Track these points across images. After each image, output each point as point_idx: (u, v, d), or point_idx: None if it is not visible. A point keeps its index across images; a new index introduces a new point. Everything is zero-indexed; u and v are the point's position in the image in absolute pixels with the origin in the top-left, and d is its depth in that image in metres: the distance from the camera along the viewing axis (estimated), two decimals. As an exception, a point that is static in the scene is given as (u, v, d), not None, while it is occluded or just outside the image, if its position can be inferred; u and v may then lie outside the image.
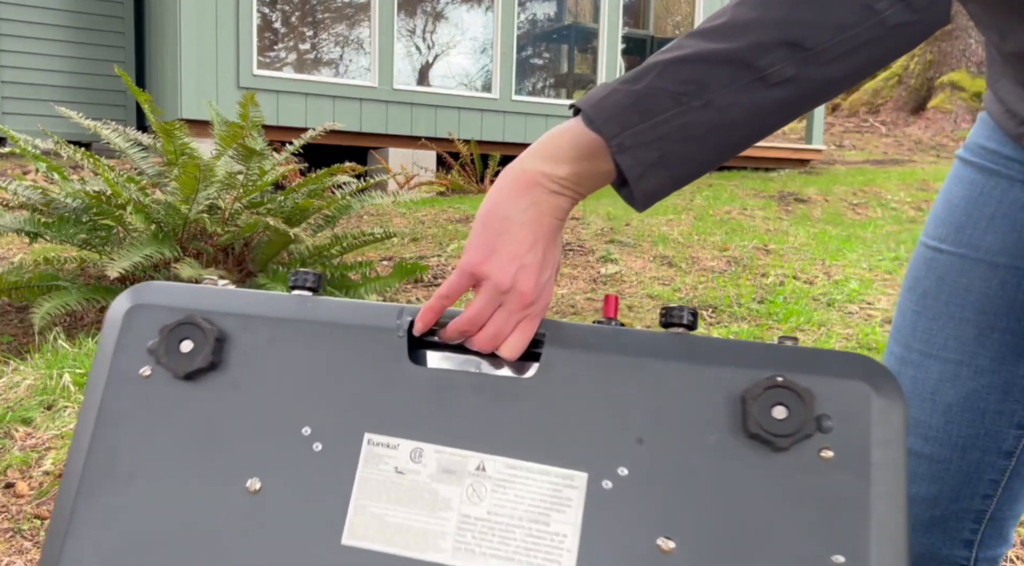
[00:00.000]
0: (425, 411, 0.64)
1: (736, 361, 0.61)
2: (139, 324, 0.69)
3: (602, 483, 0.60)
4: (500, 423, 0.62)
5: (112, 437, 0.66)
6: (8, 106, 6.42)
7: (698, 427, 0.60)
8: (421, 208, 5.12)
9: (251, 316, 0.68)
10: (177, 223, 3.05)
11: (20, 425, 2.28)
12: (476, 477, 0.62)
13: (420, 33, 7.77)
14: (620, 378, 0.62)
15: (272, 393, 0.66)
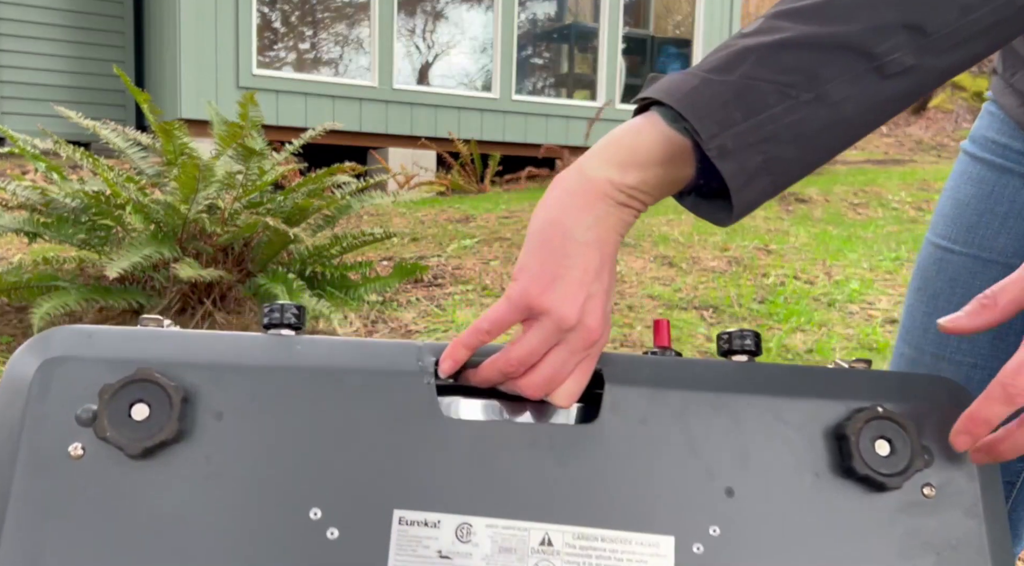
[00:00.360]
0: (467, 475, 0.51)
1: (818, 392, 0.54)
2: (58, 385, 0.50)
3: (692, 547, 0.51)
4: (563, 484, 0.51)
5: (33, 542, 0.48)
6: (7, 106, 6.41)
7: (791, 470, 0.52)
8: (421, 208, 5.12)
9: (223, 366, 0.51)
10: (176, 223, 3.04)
11: (19, 426, 2.27)
12: (542, 554, 0.50)
13: (420, 33, 7.77)
14: (697, 418, 0.53)
15: (262, 466, 0.50)
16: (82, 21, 6.65)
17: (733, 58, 0.54)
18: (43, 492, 0.49)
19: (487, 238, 4.29)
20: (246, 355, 0.52)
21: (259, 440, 0.50)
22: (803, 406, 0.53)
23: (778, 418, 0.53)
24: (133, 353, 0.51)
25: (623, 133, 0.55)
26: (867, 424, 0.52)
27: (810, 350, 2.96)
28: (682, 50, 8.56)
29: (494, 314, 0.54)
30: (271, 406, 0.51)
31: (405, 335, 3.15)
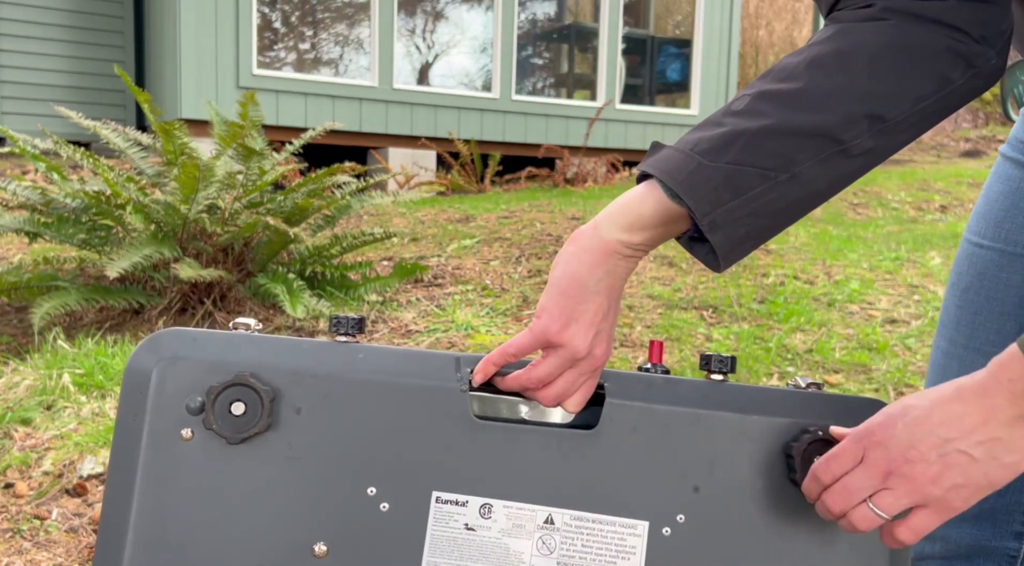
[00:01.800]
0: (492, 466, 0.64)
1: (776, 411, 0.66)
2: (172, 380, 0.64)
3: (662, 530, 0.64)
4: (565, 477, 0.64)
5: (156, 504, 0.62)
6: (7, 106, 6.41)
7: (749, 475, 0.65)
8: (421, 208, 5.12)
9: (301, 373, 0.65)
10: (176, 223, 3.05)
11: (20, 425, 2.27)
12: (545, 530, 0.64)
13: (420, 32, 7.77)
14: (676, 429, 0.66)
15: (331, 453, 0.64)
16: (82, 21, 6.65)
17: (722, 143, 0.65)
18: (162, 465, 0.63)
19: (487, 238, 4.29)
20: (320, 362, 0.65)
21: (329, 432, 0.64)
22: (762, 423, 0.66)
23: (742, 433, 0.66)
24: (231, 356, 0.65)
25: (634, 201, 0.67)
26: (809, 445, 0.64)
27: (810, 350, 2.96)
28: (682, 50, 8.56)
29: (519, 343, 0.68)
30: (339, 405, 0.65)
31: (405, 335, 3.15)
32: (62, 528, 1.87)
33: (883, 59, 0.65)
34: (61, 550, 1.79)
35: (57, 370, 2.48)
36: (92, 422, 2.28)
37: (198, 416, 0.64)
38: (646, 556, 0.64)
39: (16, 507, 1.94)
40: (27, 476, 2.07)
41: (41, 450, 2.17)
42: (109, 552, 0.62)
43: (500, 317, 3.28)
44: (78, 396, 2.39)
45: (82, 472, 2.05)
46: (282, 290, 2.98)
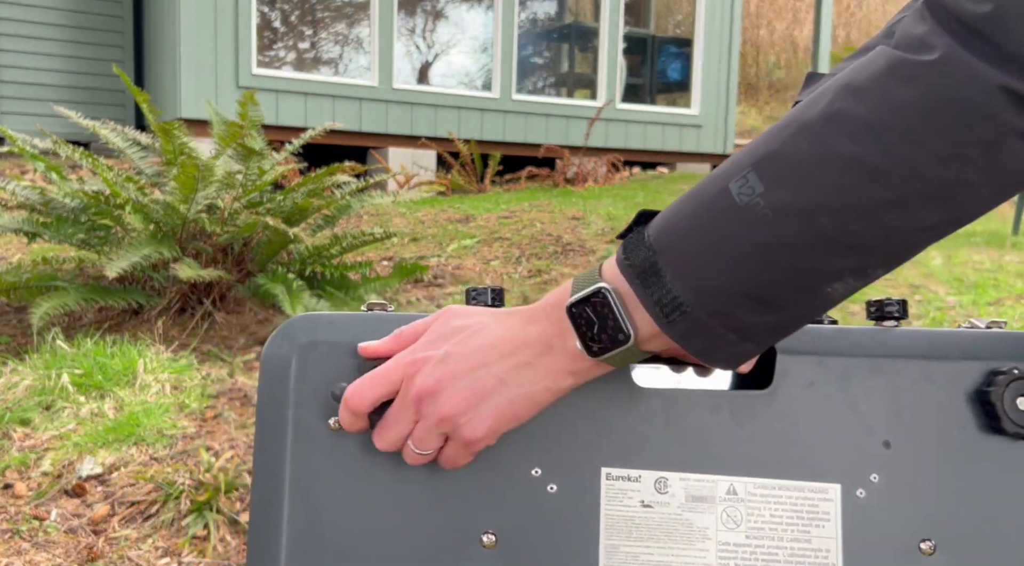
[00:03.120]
0: (661, 437, 0.59)
1: (962, 354, 0.61)
2: (312, 368, 0.59)
3: (856, 492, 0.59)
4: (742, 442, 0.59)
5: (310, 501, 0.58)
6: (6, 106, 6.41)
7: (942, 425, 0.60)
8: (421, 208, 5.11)
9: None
10: (176, 223, 3.04)
11: (18, 426, 2.27)
12: (728, 502, 0.59)
13: (420, 32, 7.76)
14: (857, 381, 0.60)
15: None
16: (81, 21, 6.65)
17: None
18: (312, 458, 0.58)
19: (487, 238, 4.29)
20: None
21: None
22: (949, 369, 0.60)
23: (928, 379, 0.60)
24: (371, 337, 0.59)
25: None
26: (1008, 386, 0.59)
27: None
28: (683, 49, 8.56)
29: None
30: None
31: (405, 335, 3.15)
32: (61, 529, 1.86)
33: None
34: (60, 551, 1.79)
35: (56, 370, 2.47)
36: (91, 422, 2.28)
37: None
38: (842, 521, 0.59)
39: (15, 507, 1.94)
40: (26, 476, 2.07)
41: (40, 450, 2.16)
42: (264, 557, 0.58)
43: (500, 317, 3.28)
44: (77, 396, 2.39)
45: (81, 473, 2.05)
46: (282, 290, 2.97)
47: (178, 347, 2.89)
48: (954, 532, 0.59)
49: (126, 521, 1.89)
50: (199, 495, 1.89)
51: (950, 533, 0.59)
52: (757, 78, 12.57)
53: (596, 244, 4.14)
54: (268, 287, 3.01)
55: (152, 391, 2.47)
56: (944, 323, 3.06)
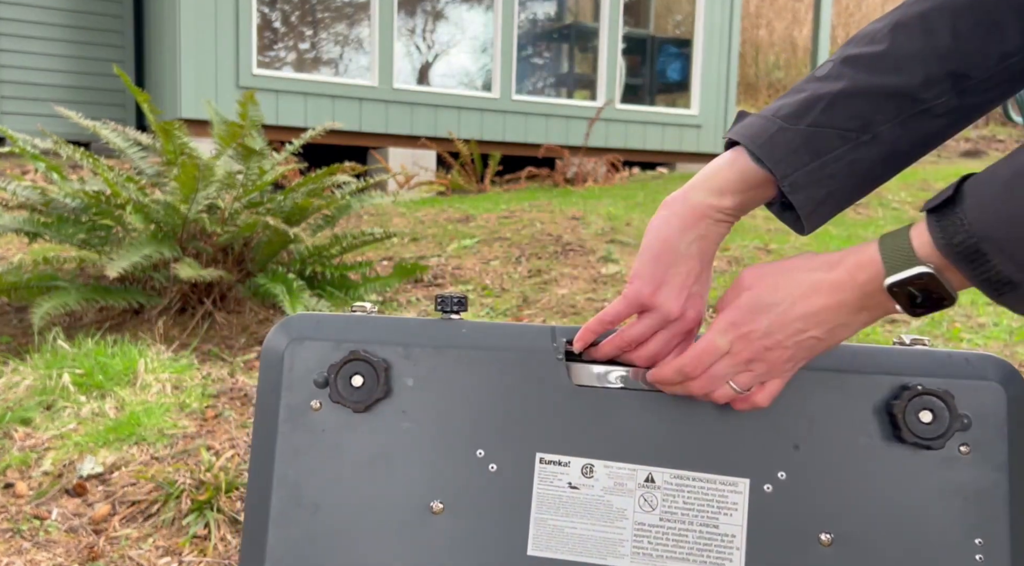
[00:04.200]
0: (590, 429, 0.68)
1: (878, 368, 0.67)
2: (300, 359, 0.71)
3: (763, 487, 0.66)
4: (664, 437, 0.67)
5: (294, 469, 0.70)
6: (7, 106, 6.41)
7: (849, 432, 0.66)
8: (421, 208, 5.12)
9: (411, 345, 0.71)
10: (176, 223, 3.05)
11: (19, 425, 2.27)
12: (646, 488, 0.67)
13: (420, 32, 7.76)
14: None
15: (442, 419, 0.69)
16: (82, 21, 6.65)
17: (803, 106, 0.66)
18: (297, 433, 0.70)
19: (487, 238, 4.29)
20: (427, 337, 0.71)
21: (439, 399, 0.70)
22: (864, 381, 0.67)
23: (843, 391, 0.67)
24: (349, 335, 0.71)
25: (720, 166, 0.69)
26: (911, 401, 0.65)
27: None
28: (682, 50, 8.56)
29: (614, 310, 0.70)
30: (447, 375, 0.70)
31: (405, 335, 3.15)
32: (62, 528, 1.87)
33: (965, 17, 0.64)
34: (61, 550, 1.79)
35: (57, 370, 2.48)
36: (92, 422, 2.28)
37: (324, 389, 0.70)
38: (748, 513, 0.66)
39: (16, 507, 1.94)
40: (27, 476, 2.07)
41: (41, 450, 2.17)
42: (257, 513, 0.70)
43: (500, 317, 3.28)
44: (78, 396, 2.39)
45: (82, 472, 2.05)
46: (282, 290, 2.98)
47: (179, 347, 2.89)
48: (852, 528, 0.65)
49: (127, 520, 1.89)
50: (200, 494, 1.89)
51: (848, 529, 0.65)
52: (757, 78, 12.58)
53: (596, 244, 4.15)
54: (268, 287, 3.01)
55: (153, 391, 2.47)
56: (941, 321, 3.06)
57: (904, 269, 0.59)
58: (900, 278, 0.59)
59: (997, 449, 0.65)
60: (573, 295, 3.46)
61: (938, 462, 0.66)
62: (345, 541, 0.69)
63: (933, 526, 0.65)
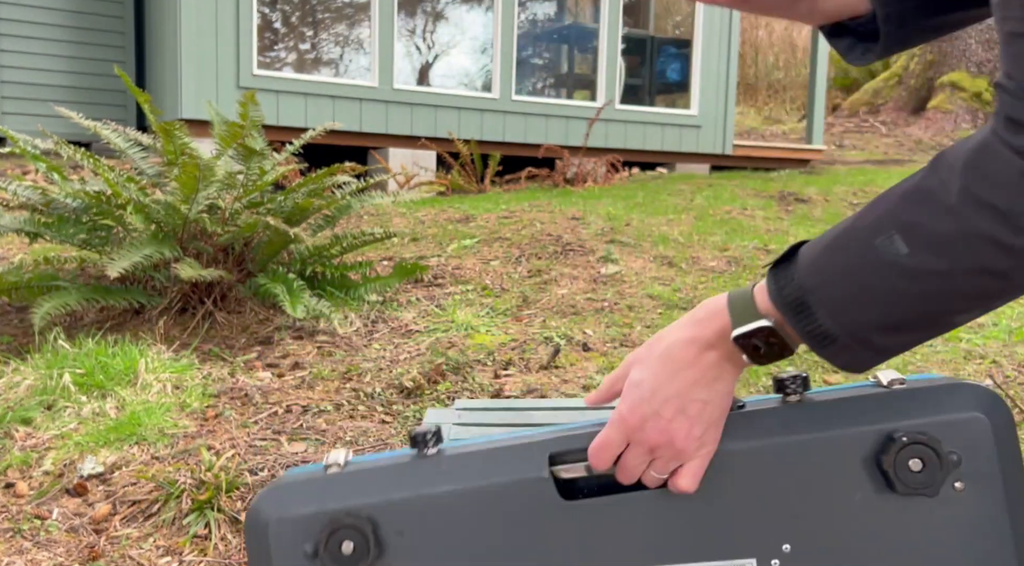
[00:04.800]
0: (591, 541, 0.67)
1: (860, 420, 0.67)
2: (286, 535, 0.69)
3: (771, 563, 0.66)
4: (664, 533, 0.67)
5: None
6: (8, 106, 6.41)
7: (843, 492, 0.66)
8: (421, 208, 5.12)
9: (393, 499, 0.69)
10: (177, 223, 3.05)
11: (20, 425, 2.27)
12: None
13: (420, 33, 7.77)
14: (764, 463, 0.67)
15: (438, 556, 0.68)
16: (82, 21, 6.66)
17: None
18: None
19: (487, 238, 4.29)
20: (406, 484, 0.69)
21: (433, 546, 0.68)
22: (849, 437, 0.66)
23: (830, 452, 0.66)
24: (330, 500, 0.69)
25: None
26: (899, 453, 0.64)
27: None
28: (682, 50, 8.57)
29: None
30: (435, 520, 0.68)
31: (405, 335, 3.15)
32: (62, 528, 1.87)
33: None
34: (62, 550, 1.79)
35: (58, 370, 2.48)
36: (92, 422, 2.28)
37: (316, 560, 0.69)
38: None
39: (17, 507, 1.94)
40: (28, 476, 2.07)
41: (41, 450, 2.17)
42: None
43: (500, 317, 3.29)
44: (78, 396, 2.40)
45: (82, 472, 2.06)
46: (282, 290, 2.98)
47: (179, 347, 2.90)
48: None
49: (127, 520, 1.90)
50: (200, 494, 1.89)
51: None
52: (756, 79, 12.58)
53: (596, 244, 4.15)
54: (269, 287, 3.02)
55: (153, 390, 2.48)
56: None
57: (747, 322, 0.64)
58: (743, 331, 0.64)
59: (991, 480, 0.65)
60: (573, 295, 3.47)
61: (935, 505, 0.66)
62: None
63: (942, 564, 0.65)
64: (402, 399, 2.58)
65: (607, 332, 3.12)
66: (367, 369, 2.79)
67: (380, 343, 3.07)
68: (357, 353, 2.97)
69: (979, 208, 0.55)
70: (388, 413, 2.49)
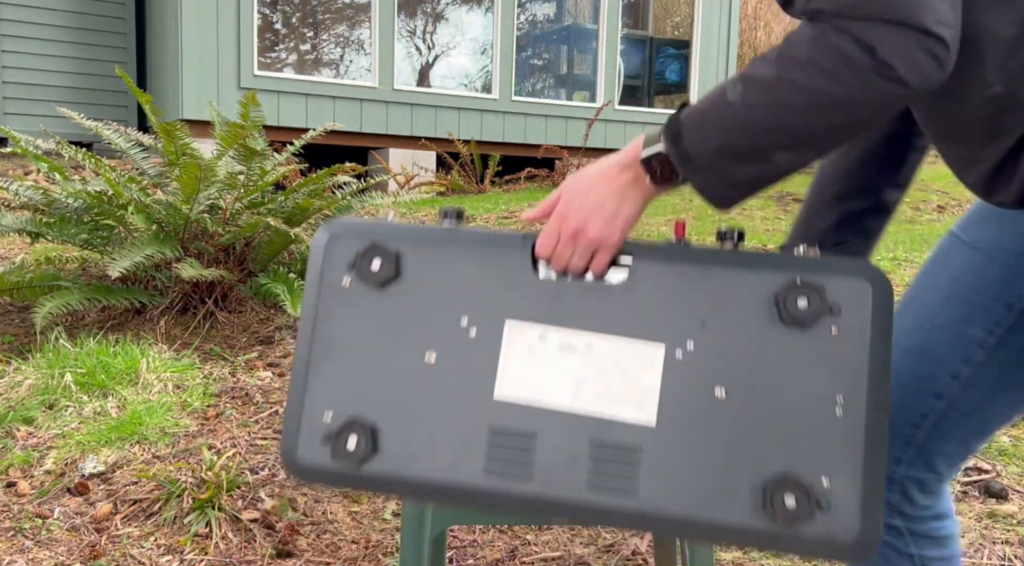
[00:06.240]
0: (547, 306, 0.89)
1: (774, 267, 0.86)
2: (336, 250, 0.94)
3: (675, 352, 0.86)
4: (603, 313, 0.88)
5: (329, 328, 0.94)
6: (10, 106, 6.42)
7: (745, 314, 0.85)
8: (421, 208, 5.13)
9: (418, 241, 0.93)
10: (178, 223, 3.06)
11: (22, 424, 2.28)
12: (587, 350, 0.87)
13: (420, 34, 7.77)
14: (689, 281, 0.87)
15: (438, 295, 0.91)
16: (84, 22, 6.67)
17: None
18: (333, 303, 0.94)
19: (487, 238, 4.29)
20: (430, 236, 0.93)
21: (436, 281, 0.92)
22: (761, 276, 0.86)
23: (743, 284, 0.86)
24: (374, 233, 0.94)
25: None
26: (792, 290, 0.84)
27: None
28: (681, 51, 8.57)
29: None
30: (443, 264, 0.92)
31: (405, 335, 3.16)
32: (64, 527, 1.88)
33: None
34: (63, 549, 1.80)
35: (59, 369, 2.49)
36: (94, 421, 2.29)
37: (352, 270, 0.93)
38: (663, 370, 0.86)
39: (18, 506, 1.95)
40: (29, 475, 2.08)
41: (43, 449, 2.18)
42: (301, 361, 0.94)
43: (500, 317, 3.29)
44: (80, 395, 2.40)
45: (84, 471, 2.07)
46: (283, 290, 2.99)
47: (180, 346, 2.91)
48: (742, 387, 0.85)
49: (128, 519, 1.91)
50: (201, 493, 1.90)
51: (739, 387, 0.85)
52: (757, 79, 12.54)
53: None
54: (270, 287, 3.03)
55: (154, 390, 2.49)
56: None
57: (651, 147, 0.86)
58: (646, 154, 0.87)
59: (861, 332, 0.83)
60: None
61: (812, 339, 0.84)
62: (363, 378, 0.92)
63: (806, 385, 0.84)
64: (402, 399, 2.58)
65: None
66: (367, 369, 2.79)
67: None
68: (357, 353, 2.97)
69: (786, 59, 0.80)
70: (388, 413, 2.49)
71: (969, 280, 0.96)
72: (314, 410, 0.92)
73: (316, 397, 0.93)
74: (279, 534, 1.84)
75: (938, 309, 0.97)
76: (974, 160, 0.89)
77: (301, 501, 1.97)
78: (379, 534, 1.87)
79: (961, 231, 1.00)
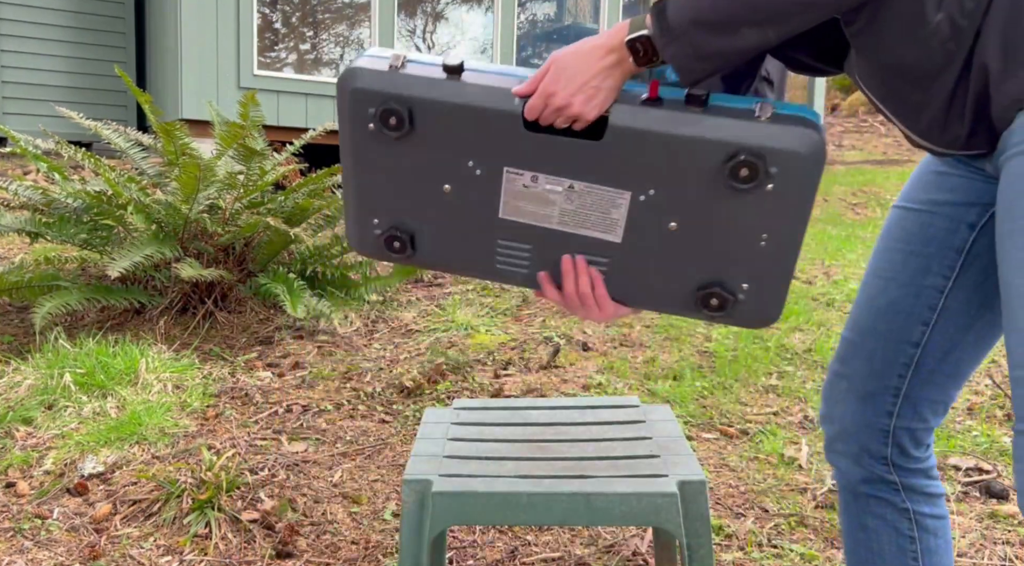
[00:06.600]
0: (539, 156, 1.04)
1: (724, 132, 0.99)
2: (358, 98, 1.06)
3: (639, 197, 1.04)
4: (582, 163, 1.03)
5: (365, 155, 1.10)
6: (9, 106, 6.42)
7: (698, 172, 1.01)
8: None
9: (423, 98, 1.05)
10: (178, 223, 3.05)
11: (21, 425, 2.28)
12: (570, 190, 1.05)
13: (420, 33, 7.77)
14: (654, 142, 1.01)
15: (448, 143, 1.06)
16: (83, 22, 6.66)
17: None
18: (361, 138, 1.09)
19: (487, 238, 4.29)
20: (437, 91, 1.05)
21: (446, 130, 1.06)
22: (714, 144, 0.99)
23: (698, 148, 1.00)
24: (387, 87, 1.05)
25: None
26: (734, 160, 0.99)
27: (808, 349, 2.96)
28: (682, 51, 8.56)
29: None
30: (451, 117, 1.05)
31: (405, 334, 3.16)
32: (63, 527, 1.87)
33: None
34: (62, 549, 1.80)
35: (58, 369, 2.49)
36: (93, 421, 2.29)
37: (375, 120, 1.06)
38: (629, 208, 1.05)
39: (17, 506, 1.95)
40: (28, 475, 2.08)
41: (42, 449, 2.18)
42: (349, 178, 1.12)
43: (500, 317, 3.29)
44: (79, 395, 2.40)
45: (83, 471, 2.06)
46: (283, 290, 2.98)
47: (180, 346, 2.90)
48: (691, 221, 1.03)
49: (128, 519, 1.90)
50: (201, 493, 1.90)
51: (689, 222, 1.04)
52: (757, 79, 12.55)
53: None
54: (269, 287, 3.02)
55: (154, 390, 2.48)
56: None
57: (637, 30, 0.96)
58: (631, 36, 0.96)
59: (790, 190, 0.99)
60: (573, 295, 3.47)
61: (753, 199, 1.00)
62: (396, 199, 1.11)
63: (740, 225, 1.02)
64: (402, 399, 2.58)
65: (606, 332, 3.12)
66: (367, 369, 2.79)
67: (380, 343, 3.08)
68: (357, 353, 2.97)
69: None
70: (388, 413, 2.49)
71: (919, 237, 1.11)
72: (365, 217, 1.14)
73: (364, 208, 1.13)
74: (279, 535, 1.84)
75: (900, 268, 1.12)
76: (927, 101, 0.98)
77: (301, 501, 1.97)
78: (379, 534, 1.87)
79: (902, 201, 1.14)
